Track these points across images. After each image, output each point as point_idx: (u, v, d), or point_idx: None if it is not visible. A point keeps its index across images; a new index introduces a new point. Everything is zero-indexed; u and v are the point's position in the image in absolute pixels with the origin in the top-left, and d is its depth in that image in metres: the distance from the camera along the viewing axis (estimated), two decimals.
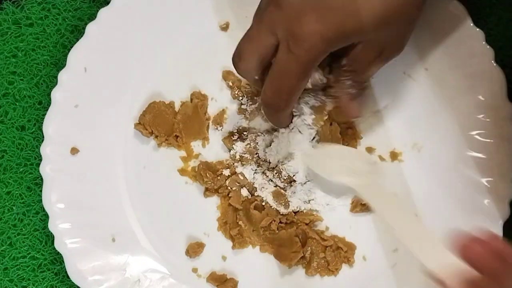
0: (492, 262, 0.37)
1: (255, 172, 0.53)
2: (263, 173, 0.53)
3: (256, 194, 0.53)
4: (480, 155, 0.52)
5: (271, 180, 0.53)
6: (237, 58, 0.46)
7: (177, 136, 0.54)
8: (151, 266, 0.53)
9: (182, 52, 0.55)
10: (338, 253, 0.52)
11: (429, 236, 0.45)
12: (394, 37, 0.45)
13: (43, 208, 0.52)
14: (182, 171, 0.54)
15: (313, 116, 0.52)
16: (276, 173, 0.53)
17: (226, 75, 0.55)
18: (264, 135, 0.53)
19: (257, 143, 0.53)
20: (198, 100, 0.54)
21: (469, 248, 0.38)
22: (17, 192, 0.55)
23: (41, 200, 0.52)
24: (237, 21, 0.55)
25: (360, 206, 0.53)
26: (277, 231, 0.53)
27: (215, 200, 0.54)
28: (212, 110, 0.55)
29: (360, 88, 0.49)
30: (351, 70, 0.46)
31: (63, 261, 0.52)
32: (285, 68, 0.43)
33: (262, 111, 0.51)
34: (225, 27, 0.56)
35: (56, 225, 0.52)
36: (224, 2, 0.56)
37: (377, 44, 0.45)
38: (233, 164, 0.54)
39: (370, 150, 0.54)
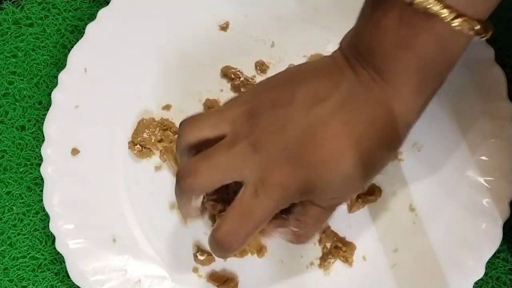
0: None
1: None
2: None
3: None
4: (480, 155, 0.52)
5: None
6: (191, 174, 0.42)
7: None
8: (152, 266, 0.53)
9: (182, 52, 0.55)
10: (336, 251, 0.53)
11: None
12: (348, 195, 0.45)
13: (43, 208, 0.52)
14: None
15: None
16: None
17: (225, 70, 0.55)
18: None
19: None
20: None
21: None
22: (17, 192, 0.55)
23: (41, 200, 0.52)
24: (237, 21, 0.56)
25: (357, 205, 0.53)
26: None
27: None
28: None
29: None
30: (292, 229, 0.45)
31: (63, 261, 0.52)
32: (248, 211, 0.41)
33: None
34: (224, 27, 0.56)
35: (57, 226, 0.52)
36: (224, 2, 0.56)
37: (328, 202, 0.44)
38: None
39: None
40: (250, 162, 0.41)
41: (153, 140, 0.54)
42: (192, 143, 0.44)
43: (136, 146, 0.54)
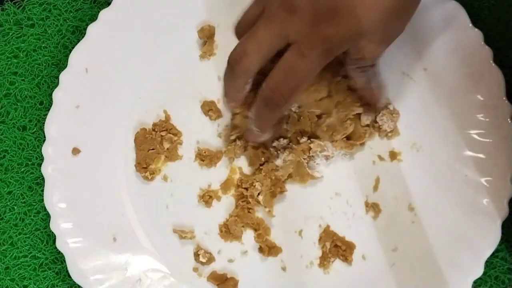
0: None
1: None
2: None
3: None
4: (479, 154, 0.52)
5: None
6: (242, 55, 0.46)
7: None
8: (152, 265, 0.53)
9: (183, 52, 0.55)
10: (336, 251, 0.53)
11: None
12: (395, 28, 0.47)
13: (44, 207, 0.52)
14: None
15: None
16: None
17: None
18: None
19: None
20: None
21: None
22: (18, 191, 0.55)
23: (42, 199, 0.53)
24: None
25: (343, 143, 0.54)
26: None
27: (215, 201, 0.54)
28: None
29: (372, 70, 0.50)
30: (357, 58, 0.48)
31: (64, 261, 0.52)
32: (294, 68, 0.45)
33: (252, 113, 0.51)
34: None
35: (58, 225, 0.52)
36: (223, 3, 0.56)
37: (379, 37, 0.46)
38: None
39: (369, 150, 0.54)
40: (291, 25, 0.44)
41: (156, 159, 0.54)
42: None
43: (144, 169, 0.54)
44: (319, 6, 0.43)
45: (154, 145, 0.54)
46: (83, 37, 0.54)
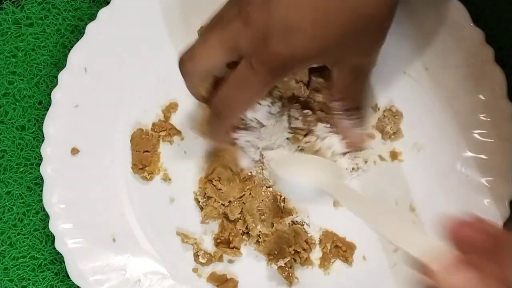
0: (485, 242, 0.36)
1: None
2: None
3: None
4: (480, 155, 0.52)
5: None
6: (188, 58, 0.45)
7: None
8: (152, 266, 0.53)
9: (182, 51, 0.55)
10: (336, 251, 0.53)
11: (409, 225, 0.46)
12: (363, 53, 0.45)
13: (43, 208, 0.52)
14: None
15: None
16: None
17: None
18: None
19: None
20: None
21: (460, 231, 0.37)
22: (17, 192, 0.55)
23: (41, 200, 0.53)
24: None
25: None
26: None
27: None
28: None
29: (357, 115, 0.49)
30: (338, 99, 0.47)
31: (63, 261, 0.52)
32: (244, 81, 0.44)
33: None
34: None
35: (57, 225, 0.52)
36: (223, 2, 0.56)
37: (349, 64, 0.45)
38: None
39: (370, 150, 0.54)
40: (243, 36, 0.42)
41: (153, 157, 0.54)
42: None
43: (141, 170, 0.54)
44: (273, 21, 0.41)
45: (150, 146, 0.54)
46: (82, 36, 0.53)
